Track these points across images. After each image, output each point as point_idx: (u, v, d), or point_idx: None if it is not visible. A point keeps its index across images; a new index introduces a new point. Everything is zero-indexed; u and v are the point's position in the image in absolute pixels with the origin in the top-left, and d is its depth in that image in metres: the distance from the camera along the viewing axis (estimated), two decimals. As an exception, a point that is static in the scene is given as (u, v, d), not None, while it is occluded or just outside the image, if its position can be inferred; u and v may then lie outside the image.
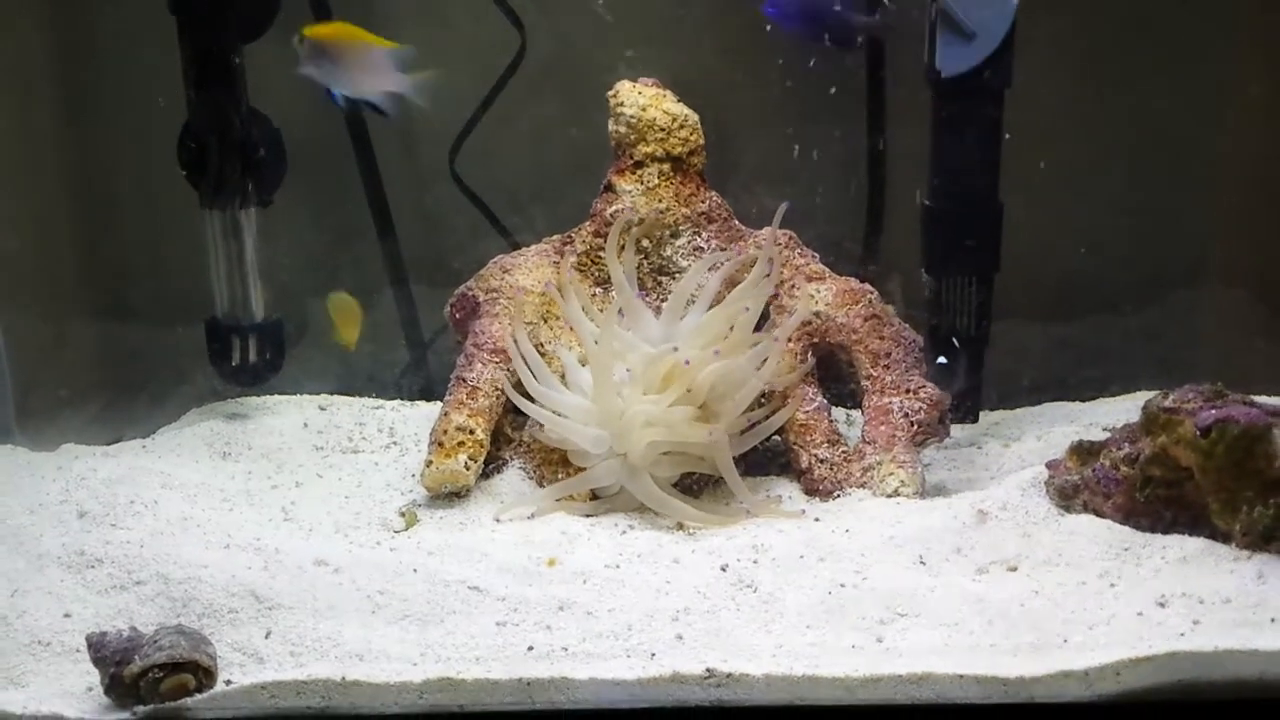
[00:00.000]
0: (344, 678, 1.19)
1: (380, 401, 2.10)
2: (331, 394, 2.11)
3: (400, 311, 2.14)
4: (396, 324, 2.14)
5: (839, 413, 1.82)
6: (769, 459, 1.76)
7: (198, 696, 1.18)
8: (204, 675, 1.20)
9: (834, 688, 1.18)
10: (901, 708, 1.18)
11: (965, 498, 1.57)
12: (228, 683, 1.20)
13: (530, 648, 1.28)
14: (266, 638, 1.29)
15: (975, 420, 1.93)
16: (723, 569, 1.42)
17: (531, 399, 1.66)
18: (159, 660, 1.18)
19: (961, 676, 1.17)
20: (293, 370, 2.07)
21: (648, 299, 1.76)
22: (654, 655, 1.24)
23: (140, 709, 1.18)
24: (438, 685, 1.19)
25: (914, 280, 1.91)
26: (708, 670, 1.18)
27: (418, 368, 2.15)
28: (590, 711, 1.19)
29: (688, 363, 1.61)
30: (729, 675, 1.18)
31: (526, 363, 1.67)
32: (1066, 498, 1.51)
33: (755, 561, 1.44)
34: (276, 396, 2.09)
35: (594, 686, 1.18)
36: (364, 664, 1.24)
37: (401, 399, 2.11)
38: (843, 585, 1.38)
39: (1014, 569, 1.40)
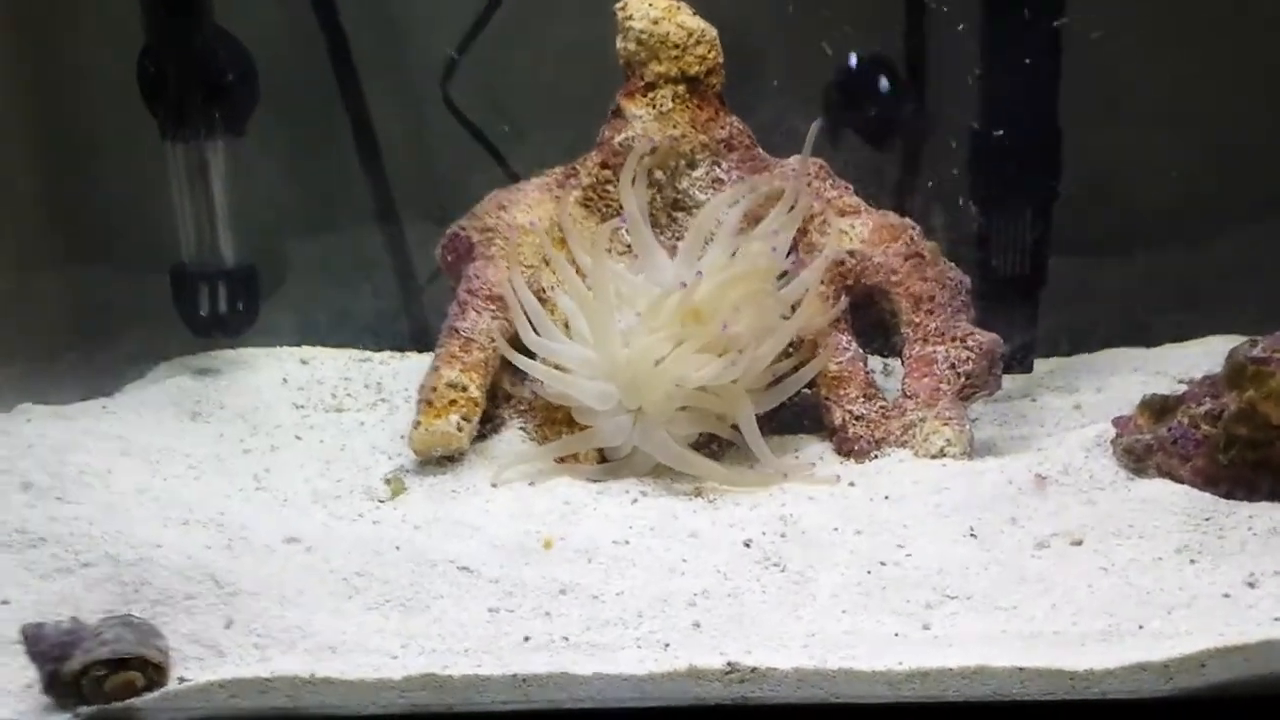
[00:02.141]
0: (313, 674, 1.12)
1: (368, 354, 2.05)
2: (314, 346, 2.05)
3: (390, 253, 2.09)
4: (386, 267, 2.10)
5: (876, 363, 1.75)
6: (797, 416, 1.70)
7: (147, 696, 1.11)
8: (154, 671, 1.13)
9: (875, 683, 1.11)
10: (953, 706, 1.11)
11: (1020, 459, 1.51)
12: (181, 680, 1.13)
13: (527, 638, 1.22)
14: (227, 628, 1.22)
15: (1029, 370, 1.87)
16: (746, 544, 1.36)
17: (530, 353, 1.59)
18: (102, 656, 1.11)
19: (1021, 669, 1.10)
20: (271, 320, 2.01)
21: (662, 237, 1.71)
22: (668, 646, 1.19)
23: (84, 710, 1.11)
24: (421, 682, 1.12)
25: (961, 214, 1.84)
26: (729, 664, 1.12)
27: (410, 315, 2.10)
28: (595, 711, 1.12)
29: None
30: (754, 669, 1.11)
31: (525, 311, 1.60)
32: (1137, 460, 1.44)
33: (783, 535, 1.38)
34: (253, 349, 2.03)
35: (599, 683, 1.12)
36: (337, 658, 1.18)
37: (392, 350, 2.06)
38: (883, 563, 1.32)
39: (1079, 542, 1.33)
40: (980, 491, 1.43)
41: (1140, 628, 1.18)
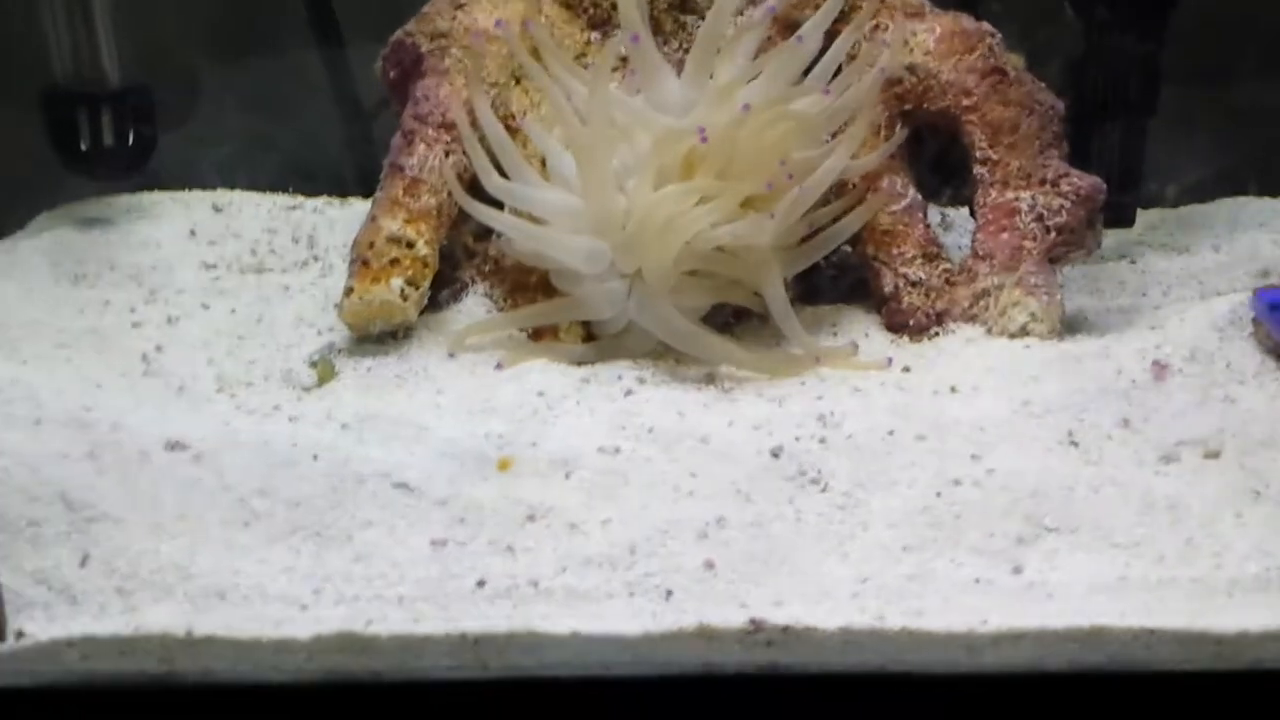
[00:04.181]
0: (192, 631, 1.03)
1: (299, 199, 1.95)
2: (232, 190, 1.96)
3: (327, 70, 2.00)
4: (323, 88, 2.00)
5: (933, 214, 1.65)
6: (836, 279, 1.62)
7: (-30, 655, 1.04)
8: (-19, 623, 1.05)
9: (949, 648, 1.01)
10: (1055, 679, 1.01)
11: (1128, 340, 1.41)
12: (20, 635, 1.04)
13: (481, 583, 1.11)
14: (82, 565, 1.12)
15: (1130, 224, 1.74)
16: (774, 454, 1.24)
17: (493, 201, 1.50)
18: (-97, 606, 1.03)
19: (1151, 632, 1.00)
20: (178, 157, 1.92)
21: (666, 49, 1.59)
22: (670, 595, 1.09)
23: (-117, 675, 1.04)
24: (337, 642, 1.02)
25: (1052, 21, 1.71)
26: (752, 621, 1.02)
27: (353, 150, 2.02)
28: (572, 682, 1.03)
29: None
30: (785, 628, 1.02)
31: (488, 144, 1.50)
32: (1290, 344, 1.35)
33: (822, 441, 1.26)
34: (156, 194, 1.93)
35: (578, 645, 1.03)
36: (225, 608, 1.08)
37: (330, 196, 1.97)
38: (956, 480, 1.19)
39: (1215, 454, 1.22)
40: (1080, 383, 1.32)
41: (1309, 573, 1.08)
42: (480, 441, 1.25)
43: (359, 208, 1.87)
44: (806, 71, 1.49)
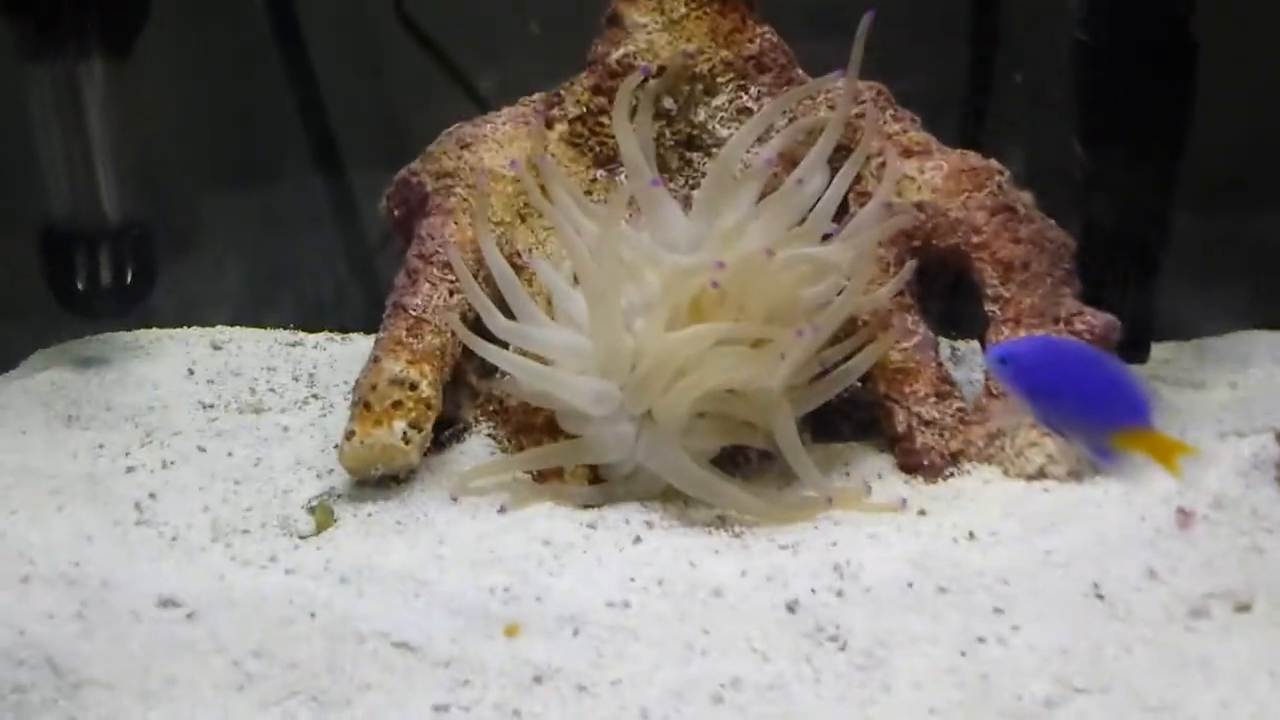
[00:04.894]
0: None
1: (299, 336, 1.96)
2: (232, 326, 1.99)
3: (331, 206, 2.04)
4: (326, 224, 2.05)
5: (945, 346, 1.66)
6: (843, 415, 1.59)
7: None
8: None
9: None
10: None
11: (1150, 485, 1.35)
12: None
13: None
14: None
15: (1144, 359, 1.73)
16: (790, 608, 1.20)
17: (498, 339, 1.48)
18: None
19: None
20: (176, 294, 1.94)
21: (672, 186, 1.61)
22: None
23: None
24: None
25: (1060, 154, 1.70)
26: None
27: (356, 286, 2.07)
28: None
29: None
30: None
31: (493, 283, 1.48)
32: (1318, 489, 1.30)
33: (839, 594, 1.22)
34: (155, 331, 1.97)
35: None
36: None
37: (332, 332, 1.99)
38: (981, 638, 1.14)
39: (1245, 608, 1.17)
40: (1103, 531, 1.29)
41: (1355, 741, 1.00)
42: (484, 596, 1.21)
43: (361, 344, 1.90)
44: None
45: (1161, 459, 1.13)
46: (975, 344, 1.61)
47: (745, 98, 1.61)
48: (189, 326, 1.97)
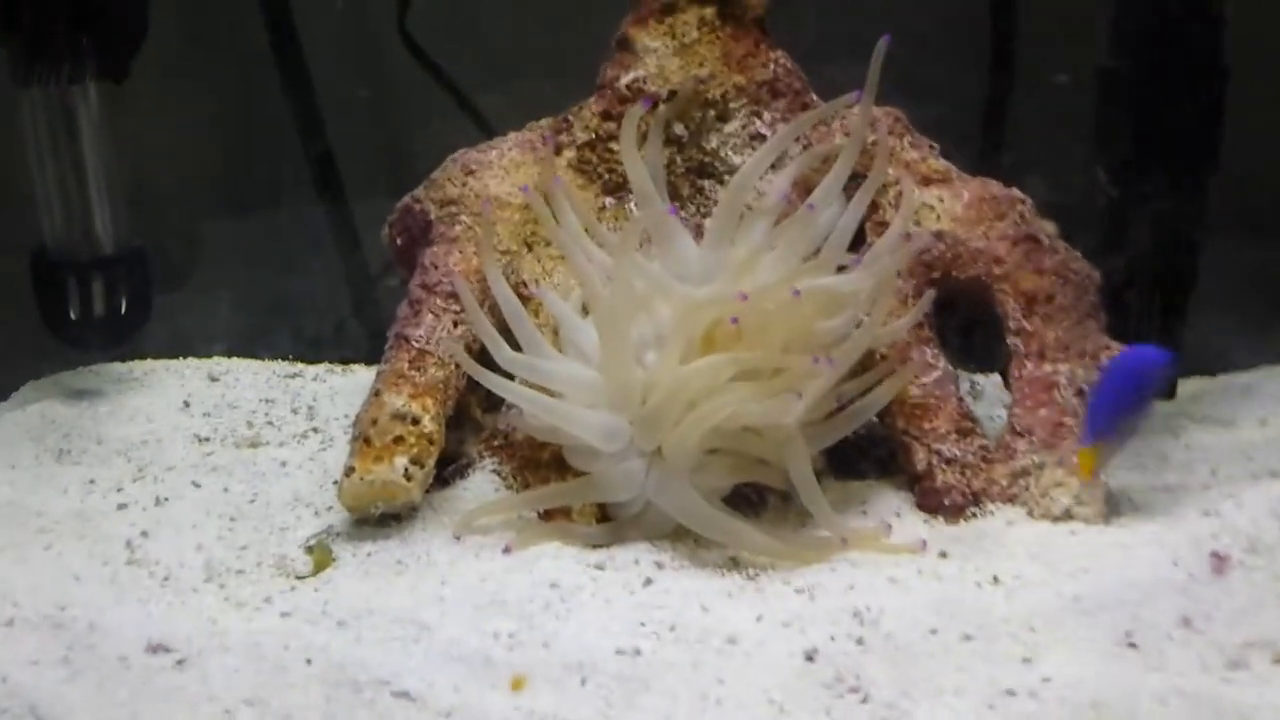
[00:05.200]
0: None
1: (299, 367, 1.97)
2: (228, 356, 1.98)
3: (332, 234, 2.02)
4: (326, 253, 2.03)
5: (965, 380, 1.65)
6: (862, 452, 1.58)
7: None
8: None
9: None
10: None
11: (1181, 526, 1.34)
12: None
13: None
14: None
15: (1171, 395, 1.72)
16: (809, 657, 1.16)
17: (504, 371, 1.46)
18: None
19: None
20: (172, 324, 1.94)
21: (683, 214, 1.59)
22: None
23: None
24: None
25: (1084, 184, 1.70)
26: None
27: (357, 316, 2.04)
28: None
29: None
30: None
31: (499, 313, 1.46)
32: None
33: (860, 641, 1.19)
34: (149, 362, 1.96)
35: None
36: None
37: (332, 363, 1.98)
38: (1010, 691, 1.10)
39: None
40: (1134, 576, 1.26)
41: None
42: (488, 641, 1.18)
43: (363, 376, 1.90)
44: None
45: None
46: (997, 378, 1.58)
47: (758, 124, 1.60)
48: (184, 358, 1.97)
